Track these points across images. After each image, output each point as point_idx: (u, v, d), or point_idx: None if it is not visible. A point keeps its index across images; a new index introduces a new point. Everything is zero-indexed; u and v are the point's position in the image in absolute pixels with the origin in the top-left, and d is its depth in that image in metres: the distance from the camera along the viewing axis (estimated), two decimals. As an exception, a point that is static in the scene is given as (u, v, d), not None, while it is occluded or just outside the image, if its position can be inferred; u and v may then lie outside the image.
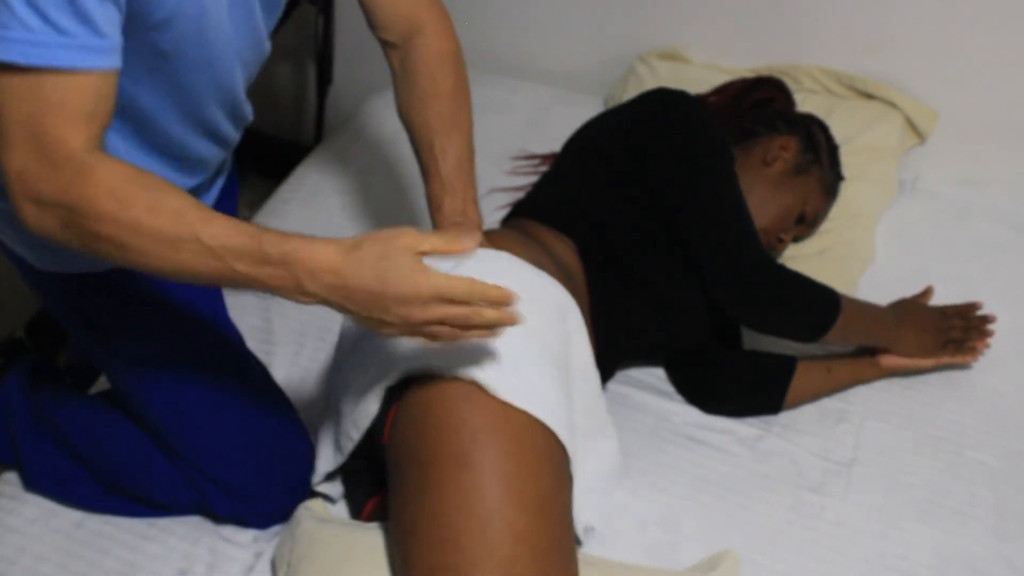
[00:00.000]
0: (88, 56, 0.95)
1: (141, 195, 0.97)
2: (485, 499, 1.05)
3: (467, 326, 1.00)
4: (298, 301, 1.00)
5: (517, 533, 1.04)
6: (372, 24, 1.39)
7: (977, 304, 1.57)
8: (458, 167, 1.34)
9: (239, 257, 0.97)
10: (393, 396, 1.16)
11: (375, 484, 1.27)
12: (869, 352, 1.54)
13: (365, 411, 1.18)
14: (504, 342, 1.13)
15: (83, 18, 0.94)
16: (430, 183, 1.35)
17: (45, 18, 0.92)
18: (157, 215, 0.96)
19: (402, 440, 1.13)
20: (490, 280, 1.19)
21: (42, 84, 0.94)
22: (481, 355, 1.12)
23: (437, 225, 1.35)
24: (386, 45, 1.40)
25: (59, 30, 0.93)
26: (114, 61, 0.98)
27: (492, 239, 1.36)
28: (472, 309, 0.99)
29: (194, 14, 1.07)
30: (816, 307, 1.40)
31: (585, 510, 1.24)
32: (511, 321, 1.01)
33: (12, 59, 0.92)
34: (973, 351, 1.54)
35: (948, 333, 1.53)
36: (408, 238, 0.99)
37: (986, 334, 1.55)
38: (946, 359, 1.54)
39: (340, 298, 0.99)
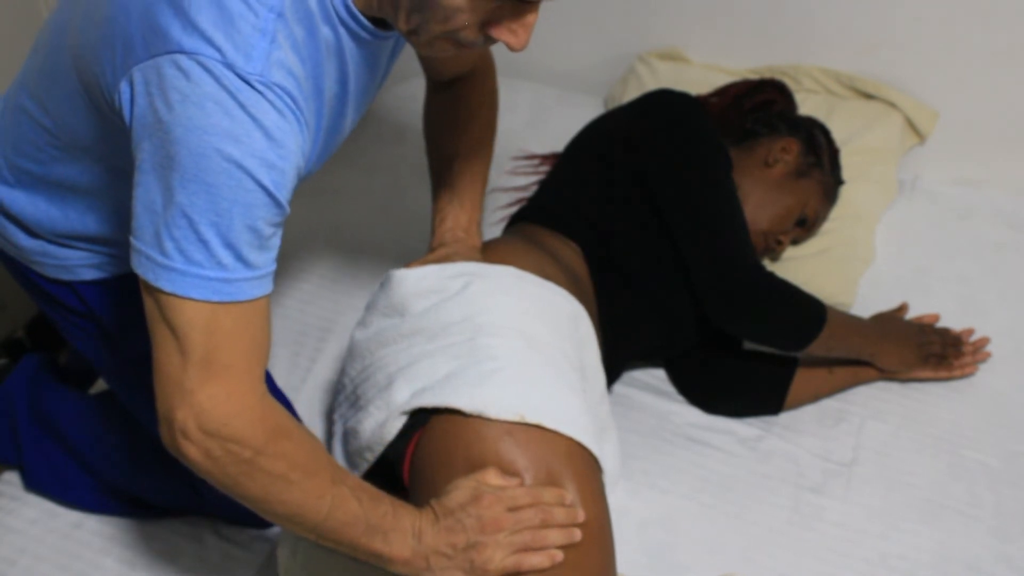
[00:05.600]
0: (266, 283, 0.95)
1: (304, 438, 1.00)
2: None
3: (544, 525, 1.04)
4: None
5: (568, 562, 1.04)
6: (428, 72, 1.39)
7: (960, 331, 1.59)
8: (471, 186, 1.37)
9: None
10: (416, 420, 1.13)
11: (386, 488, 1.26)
12: None
13: (381, 438, 1.15)
14: (529, 366, 1.13)
15: (267, 248, 0.94)
16: (440, 196, 1.37)
17: (239, 255, 0.91)
18: (319, 456, 1.01)
19: (430, 471, 1.11)
20: (499, 297, 1.17)
21: (229, 316, 0.92)
22: (510, 384, 1.11)
23: (437, 236, 1.35)
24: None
25: (248, 264, 0.92)
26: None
27: (497, 247, 1.35)
28: (543, 509, 1.04)
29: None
30: (801, 318, 1.40)
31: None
32: (575, 518, 1.06)
33: (206, 297, 0.90)
34: (951, 367, 1.55)
35: (928, 347, 1.53)
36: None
37: (962, 353, 1.56)
38: (928, 373, 1.55)
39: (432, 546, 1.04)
